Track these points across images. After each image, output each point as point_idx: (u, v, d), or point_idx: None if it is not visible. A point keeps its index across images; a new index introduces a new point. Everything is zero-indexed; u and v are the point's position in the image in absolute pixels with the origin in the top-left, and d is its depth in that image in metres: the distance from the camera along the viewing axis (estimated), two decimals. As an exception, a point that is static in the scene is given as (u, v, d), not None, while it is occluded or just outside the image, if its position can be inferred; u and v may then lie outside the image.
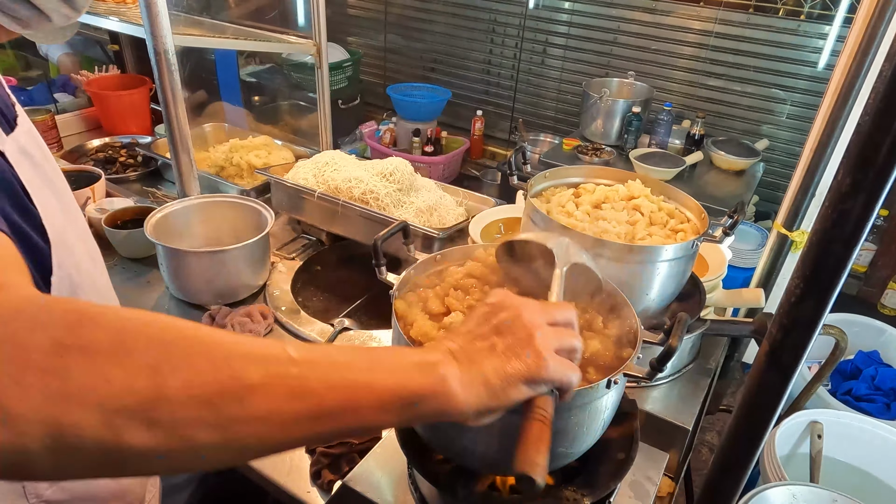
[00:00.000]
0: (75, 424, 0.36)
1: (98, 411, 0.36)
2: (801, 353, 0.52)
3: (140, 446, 0.38)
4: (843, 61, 1.35)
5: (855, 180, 0.42)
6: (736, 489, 0.66)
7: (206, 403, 0.39)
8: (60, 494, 0.78)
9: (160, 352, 0.39)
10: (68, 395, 0.36)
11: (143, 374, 0.38)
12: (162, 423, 0.38)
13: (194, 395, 0.39)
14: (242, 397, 0.40)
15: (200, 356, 0.40)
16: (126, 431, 0.37)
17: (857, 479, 1.49)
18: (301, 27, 2.42)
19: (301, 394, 0.43)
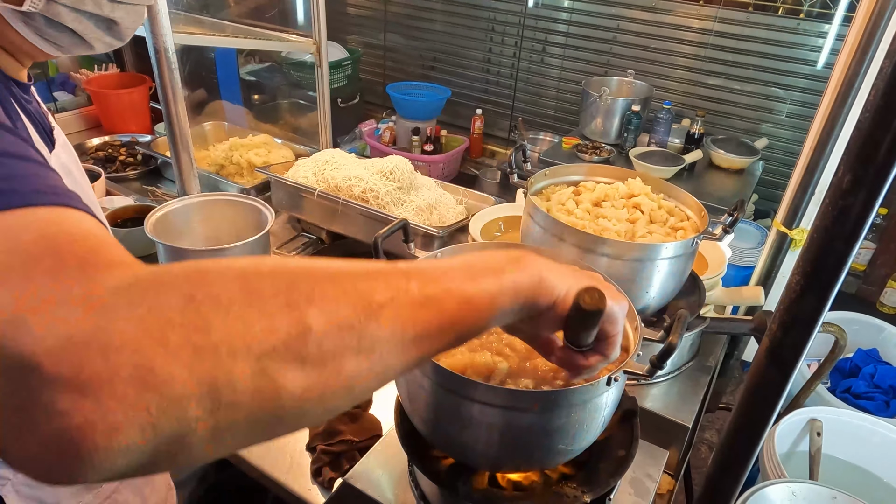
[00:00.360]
0: (229, 376, 0.33)
1: (249, 358, 0.34)
2: (801, 350, 0.52)
3: (296, 388, 0.36)
4: (843, 59, 1.36)
5: (855, 177, 0.42)
6: (735, 486, 0.66)
7: (348, 328, 0.38)
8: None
9: (288, 288, 0.37)
10: (215, 346, 0.33)
11: (281, 312, 0.36)
12: (312, 357, 0.37)
13: (335, 321, 0.38)
14: (378, 315, 0.40)
15: (327, 284, 0.39)
16: (280, 373, 0.35)
17: (857, 477, 1.50)
18: (301, 26, 2.42)
19: (424, 303, 0.43)
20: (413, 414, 0.84)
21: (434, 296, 0.44)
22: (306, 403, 0.37)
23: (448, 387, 0.73)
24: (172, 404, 0.32)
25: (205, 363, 0.33)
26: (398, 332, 0.41)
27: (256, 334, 0.35)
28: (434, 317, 0.43)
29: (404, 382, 0.82)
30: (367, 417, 1.16)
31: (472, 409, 0.73)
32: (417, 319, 0.42)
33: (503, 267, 0.50)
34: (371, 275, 0.42)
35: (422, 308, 0.43)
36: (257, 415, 0.35)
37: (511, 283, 0.50)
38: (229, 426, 0.34)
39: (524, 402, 0.72)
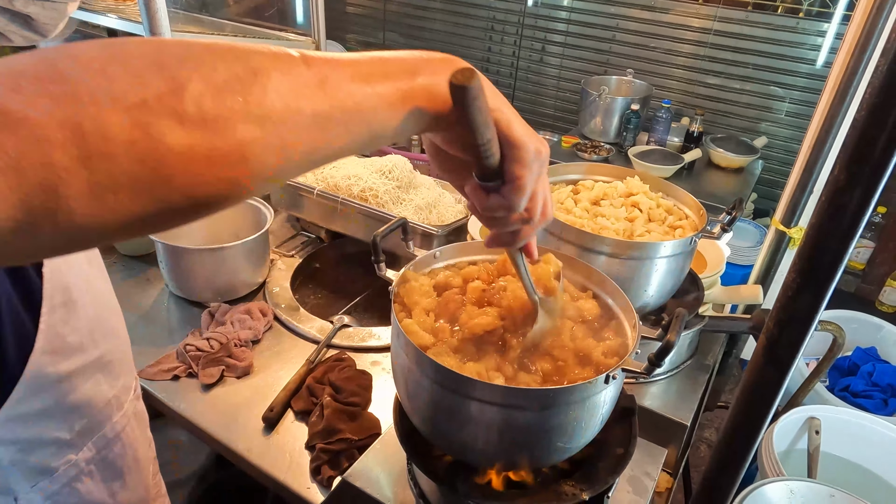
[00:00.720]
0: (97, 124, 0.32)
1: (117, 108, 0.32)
2: (798, 348, 0.52)
3: (177, 145, 0.34)
4: (841, 58, 1.36)
5: (851, 175, 0.42)
6: (733, 484, 0.66)
7: (229, 91, 0.36)
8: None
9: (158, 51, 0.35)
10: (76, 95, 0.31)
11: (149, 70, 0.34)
12: (191, 116, 0.34)
13: (214, 83, 0.36)
14: (265, 84, 0.38)
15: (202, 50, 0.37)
16: (154, 127, 0.33)
17: (855, 475, 1.50)
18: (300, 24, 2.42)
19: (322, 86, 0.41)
20: (412, 412, 0.84)
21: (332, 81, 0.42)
22: (193, 164, 0.35)
23: (447, 385, 0.74)
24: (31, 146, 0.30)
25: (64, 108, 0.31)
26: (292, 105, 0.39)
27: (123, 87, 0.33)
28: (335, 99, 0.42)
29: (403, 381, 0.82)
30: (367, 416, 1.16)
31: (470, 407, 0.73)
32: (314, 98, 0.40)
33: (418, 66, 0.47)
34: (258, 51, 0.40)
35: (318, 90, 0.41)
36: (138, 171, 0.33)
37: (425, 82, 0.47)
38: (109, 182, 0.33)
39: (522, 400, 0.72)
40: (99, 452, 0.82)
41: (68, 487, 0.78)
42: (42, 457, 0.74)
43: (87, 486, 0.80)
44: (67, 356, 0.73)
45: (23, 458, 0.72)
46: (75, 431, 0.77)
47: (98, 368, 0.79)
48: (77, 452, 0.78)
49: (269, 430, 1.15)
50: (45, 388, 0.71)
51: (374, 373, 1.28)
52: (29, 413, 0.70)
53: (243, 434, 1.14)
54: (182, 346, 1.29)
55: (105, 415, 0.81)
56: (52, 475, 0.76)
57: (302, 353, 1.33)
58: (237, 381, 1.25)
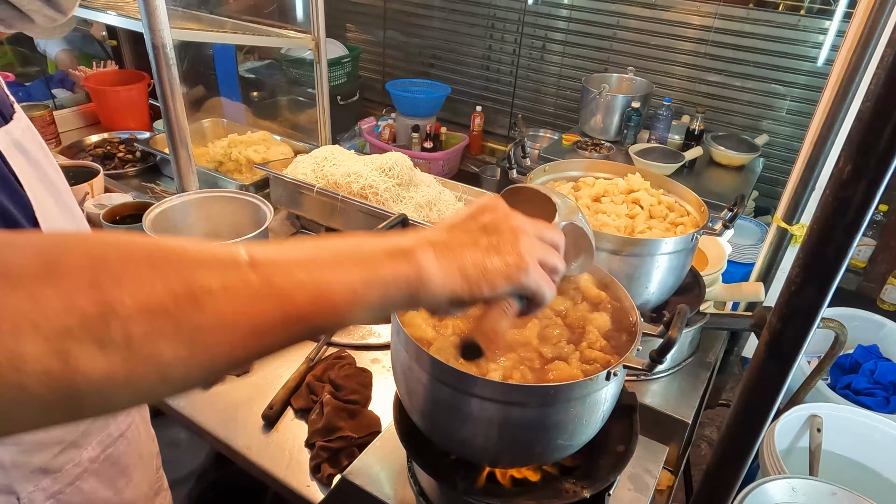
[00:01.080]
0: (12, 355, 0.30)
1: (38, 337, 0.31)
2: (802, 343, 0.52)
3: (97, 372, 0.33)
4: (843, 54, 1.35)
5: (856, 167, 0.42)
6: (735, 480, 0.66)
7: (162, 313, 0.35)
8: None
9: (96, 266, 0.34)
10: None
11: (80, 291, 0.33)
12: (116, 341, 0.33)
13: (145, 305, 0.34)
14: (202, 303, 0.37)
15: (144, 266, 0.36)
16: (76, 356, 0.32)
17: (857, 473, 1.50)
18: (299, 22, 2.42)
19: (267, 295, 0.39)
20: (412, 409, 0.83)
21: (280, 287, 0.40)
22: (109, 388, 0.34)
23: (446, 382, 0.73)
24: None
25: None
26: (228, 322, 0.38)
27: (48, 312, 0.32)
28: (277, 309, 0.40)
29: (403, 378, 0.82)
30: (366, 414, 1.15)
31: (470, 404, 0.73)
32: (255, 311, 0.39)
33: (378, 258, 0.46)
34: (205, 261, 0.38)
35: (263, 300, 0.39)
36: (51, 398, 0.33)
37: (382, 279, 0.45)
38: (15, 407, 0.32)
39: (523, 397, 0.71)
40: (104, 451, 0.82)
41: (72, 486, 0.78)
42: (45, 457, 0.74)
43: (92, 485, 0.80)
44: None
45: (25, 458, 0.72)
46: (80, 431, 0.77)
47: None
48: (81, 452, 0.78)
49: (268, 427, 1.15)
50: None
51: (373, 370, 1.27)
52: None
53: (243, 432, 1.13)
54: (181, 343, 1.28)
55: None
56: (55, 475, 0.76)
57: (302, 350, 1.33)
58: (237, 379, 1.25)
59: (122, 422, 0.84)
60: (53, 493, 0.76)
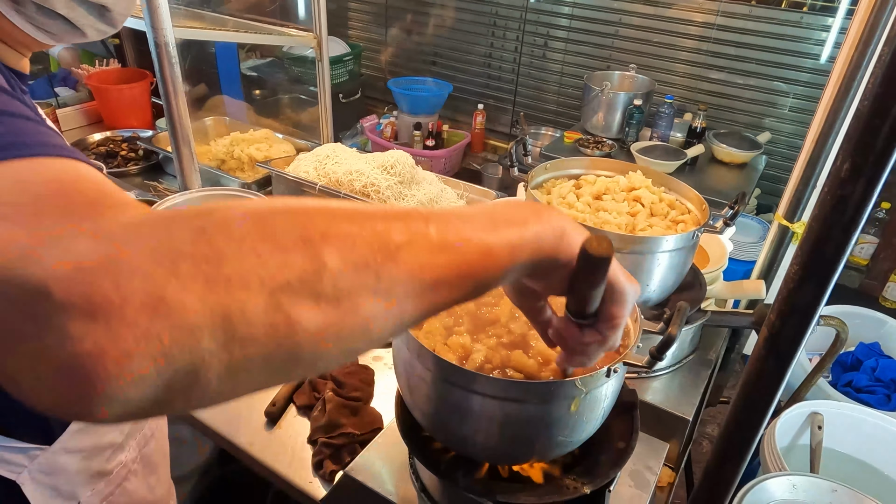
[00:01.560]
0: (242, 308, 0.33)
1: (262, 291, 0.33)
2: (800, 340, 0.52)
3: (312, 325, 0.35)
4: (845, 51, 1.35)
5: (854, 165, 0.42)
6: (735, 477, 0.66)
7: (365, 267, 0.37)
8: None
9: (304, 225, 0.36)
10: (228, 278, 0.32)
11: (295, 247, 0.35)
12: (327, 294, 0.36)
13: (351, 260, 0.37)
14: (395, 257, 0.39)
15: (344, 222, 0.38)
16: (294, 309, 0.34)
17: (858, 470, 1.50)
18: (301, 20, 2.42)
19: (443, 248, 0.42)
20: (413, 406, 0.84)
21: (453, 242, 0.43)
22: (322, 342, 0.36)
23: (448, 378, 0.74)
24: (185, 334, 0.31)
25: (217, 294, 0.32)
26: (416, 275, 0.40)
27: (270, 268, 0.34)
28: (452, 263, 0.42)
29: (404, 375, 0.82)
30: (368, 411, 1.16)
31: (471, 400, 0.73)
32: (435, 265, 0.41)
33: (526, 218, 0.48)
34: (389, 216, 0.41)
35: (440, 253, 0.42)
36: (273, 351, 0.34)
37: (533, 235, 0.48)
38: (244, 362, 0.34)
39: (523, 394, 0.72)
40: (140, 451, 0.85)
41: (119, 487, 0.81)
42: (100, 461, 0.78)
43: (133, 485, 0.84)
44: None
45: (87, 464, 0.75)
46: (125, 434, 0.81)
47: None
48: (125, 453, 0.82)
49: (271, 424, 1.15)
50: None
51: (375, 368, 1.28)
52: None
53: (246, 429, 1.14)
54: (184, 341, 1.29)
55: None
56: (108, 477, 0.79)
57: (304, 348, 1.33)
58: (239, 375, 1.26)
59: (152, 422, 0.88)
60: (105, 496, 0.79)
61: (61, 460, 0.72)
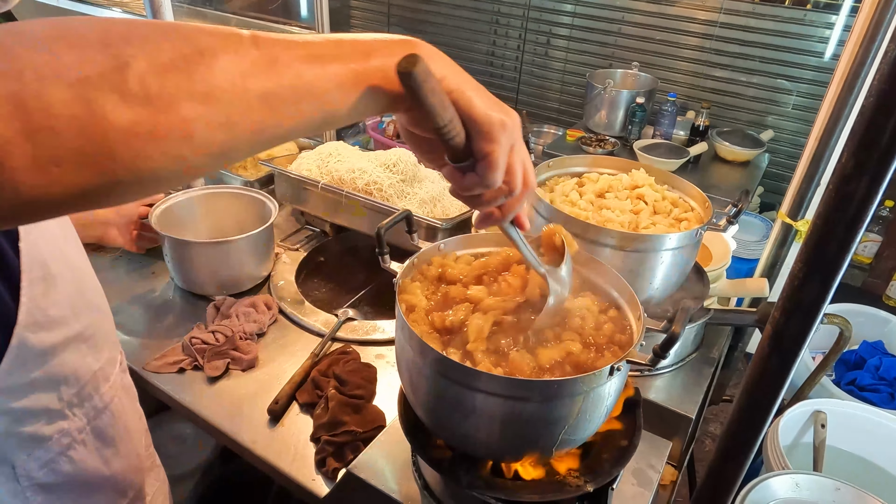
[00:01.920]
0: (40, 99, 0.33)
1: (60, 84, 0.34)
2: (804, 338, 0.52)
3: (121, 121, 0.36)
4: (850, 49, 1.35)
5: (858, 162, 0.42)
6: (738, 475, 0.66)
7: (174, 69, 0.38)
8: (52, 477, 0.79)
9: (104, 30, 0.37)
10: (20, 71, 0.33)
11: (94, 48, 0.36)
12: (135, 93, 0.36)
13: (158, 61, 0.37)
14: (209, 63, 0.39)
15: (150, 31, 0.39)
16: (98, 103, 0.35)
17: (861, 469, 1.50)
18: (304, 18, 2.42)
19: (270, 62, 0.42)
20: (416, 404, 0.84)
21: (284, 61, 0.43)
22: (137, 140, 0.36)
23: (450, 377, 0.74)
24: None
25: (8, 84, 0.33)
26: (238, 84, 0.40)
27: (67, 63, 0.34)
28: (284, 79, 0.42)
29: (407, 373, 0.82)
30: (371, 409, 1.16)
31: (474, 398, 0.73)
32: (261, 79, 0.41)
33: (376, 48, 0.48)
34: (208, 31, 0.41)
35: (267, 69, 0.42)
36: (82, 145, 0.35)
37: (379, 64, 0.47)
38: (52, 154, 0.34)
39: (526, 392, 0.72)
40: (90, 422, 0.84)
41: (63, 456, 0.80)
42: (34, 426, 0.76)
43: (81, 454, 0.83)
44: (50, 329, 0.75)
45: (16, 428, 0.74)
46: (64, 401, 0.79)
47: (81, 341, 0.81)
48: (68, 422, 0.81)
49: (274, 422, 1.15)
50: (30, 360, 0.73)
51: (378, 366, 1.28)
52: (17, 385, 0.72)
53: (249, 426, 1.14)
54: (187, 338, 1.29)
55: (93, 386, 0.84)
56: (46, 444, 0.78)
57: (307, 346, 1.33)
58: (242, 373, 1.26)
59: (105, 395, 0.86)
60: (46, 462, 0.78)
61: None
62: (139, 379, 1.25)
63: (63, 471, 0.80)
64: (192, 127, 0.39)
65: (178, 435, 1.79)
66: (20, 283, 0.70)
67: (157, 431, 1.77)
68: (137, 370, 1.25)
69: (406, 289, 0.85)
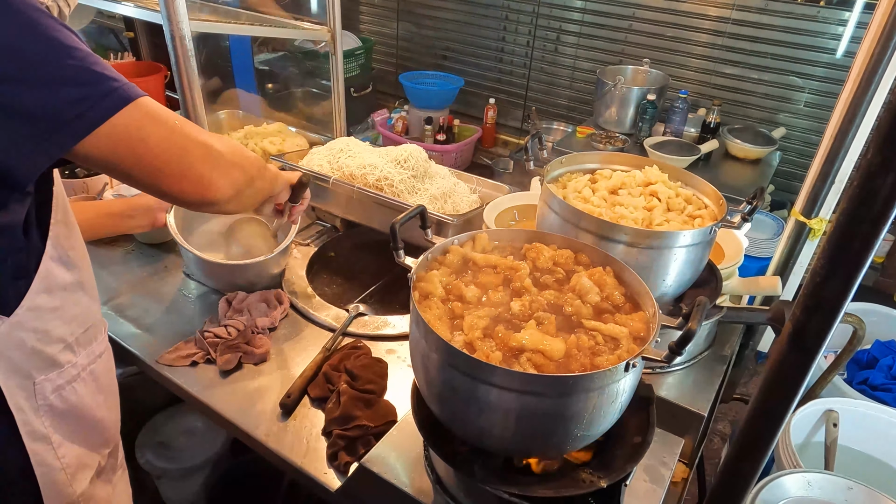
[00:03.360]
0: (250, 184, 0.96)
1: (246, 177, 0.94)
2: (825, 336, 0.52)
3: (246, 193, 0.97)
4: (866, 47, 1.33)
5: (885, 158, 0.42)
6: (754, 473, 0.66)
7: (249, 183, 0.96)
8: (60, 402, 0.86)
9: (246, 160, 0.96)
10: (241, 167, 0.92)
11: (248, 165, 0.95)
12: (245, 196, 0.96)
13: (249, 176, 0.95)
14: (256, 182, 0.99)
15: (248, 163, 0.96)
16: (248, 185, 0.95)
17: (872, 468, 1.49)
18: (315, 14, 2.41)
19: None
20: (430, 398, 0.84)
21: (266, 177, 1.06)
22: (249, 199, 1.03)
23: (465, 371, 0.74)
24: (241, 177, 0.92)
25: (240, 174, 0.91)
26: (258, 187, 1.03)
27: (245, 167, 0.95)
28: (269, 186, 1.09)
29: (421, 367, 0.82)
30: (382, 403, 1.16)
31: (488, 393, 0.73)
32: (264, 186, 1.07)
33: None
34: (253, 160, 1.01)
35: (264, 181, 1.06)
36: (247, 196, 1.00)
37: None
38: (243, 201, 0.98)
39: (541, 387, 0.72)
40: (90, 364, 0.92)
41: (70, 386, 0.88)
42: (52, 350, 0.83)
43: (81, 390, 0.90)
44: (68, 268, 0.83)
45: (41, 347, 0.81)
46: (74, 338, 0.87)
47: (90, 288, 0.91)
48: (76, 357, 0.88)
49: (286, 416, 1.16)
50: (53, 289, 0.81)
51: (389, 361, 1.28)
52: (44, 307, 0.80)
53: (261, 420, 1.15)
54: (200, 332, 1.30)
55: (93, 333, 0.92)
56: (60, 370, 0.85)
57: (318, 340, 1.34)
58: (254, 367, 1.26)
59: (100, 344, 0.95)
60: (57, 387, 0.85)
61: (18, 334, 0.78)
62: (152, 372, 1.26)
63: (69, 399, 0.87)
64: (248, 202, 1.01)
65: (189, 428, 1.80)
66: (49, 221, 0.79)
67: (169, 424, 1.79)
68: (150, 363, 1.26)
69: (423, 278, 0.85)
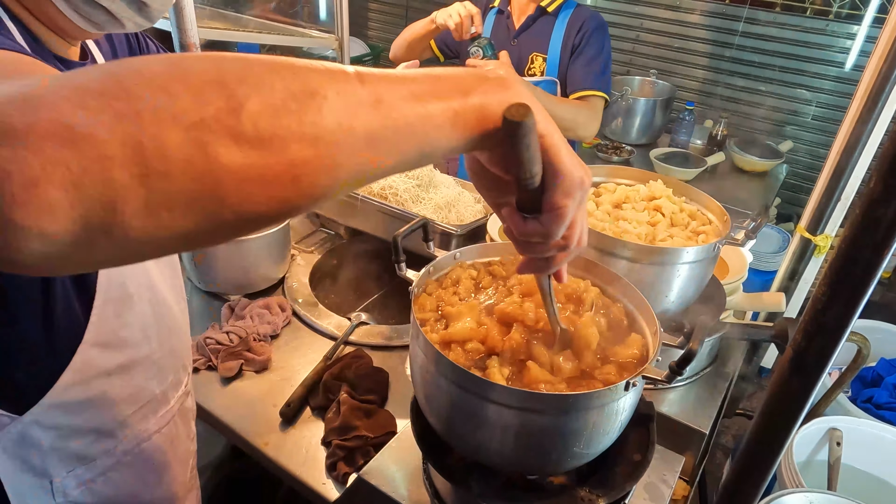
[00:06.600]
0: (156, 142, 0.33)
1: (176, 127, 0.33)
2: (826, 361, 0.52)
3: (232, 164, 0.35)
4: (874, 62, 1.33)
5: (887, 186, 0.41)
6: (755, 495, 0.66)
7: (286, 111, 0.37)
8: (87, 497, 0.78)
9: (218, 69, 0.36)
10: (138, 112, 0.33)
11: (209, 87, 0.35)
12: (247, 135, 0.35)
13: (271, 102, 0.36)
14: (319, 105, 0.38)
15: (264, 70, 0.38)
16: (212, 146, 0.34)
17: (876, 488, 1.47)
18: (322, 21, 2.43)
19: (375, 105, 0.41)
20: (429, 412, 0.84)
21: (387, 100, 0.42)
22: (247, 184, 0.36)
23: (464, 386, 0.74)
24: (94, 163, 0.31)
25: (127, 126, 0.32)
26: (345, 125, 0.39)
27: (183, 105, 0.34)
28: (388, 120, 0.41)
29: (421, 381, 0.82)
30: (382, 414, 1.16)
31: (487, 409, 0.73)
32: (367, 119, 0.40)
33: (472, 87, 0.47)
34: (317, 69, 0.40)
35: (373, 109, 0.41)
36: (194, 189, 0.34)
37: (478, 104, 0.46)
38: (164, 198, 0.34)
39: (540, 404, 0.71)
40: (138, 445, 0.83)
41: (104, 476, 0.79)
42: (81, 444, 0.76)
43: (123, 477, 0.82)
44: (117, 349, 0.75)
45: (63, 444, 0.74)
46: (117, 422, 0.79)
47: (149, 365, 0.81)
48: (116, 443, 0.80)
49: (286, 424, 1.16)
50: (91, 379, 0.73)
51: (390, 370, 1.28)
52: (74, 401, 0.72)
53: (261, 427, 1.15)
54: (202, 339, 1.30)
55: (151, 408, 0.83)
56: (90, 463, 0.78)
57: (319, 348, 1.34)
58: (255, 375, 1.27)
59: (161, 418, 0.86)
60: (85, 482, 0.78)
61: (33, 433, 0.71)
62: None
63: (100, 491, 0.80)
64: (300, 170, 0.38)
65: (190, 433, 1.80)
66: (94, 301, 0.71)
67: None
68: (152, 369, 1.26)
69: (421, 297, 0.85)
